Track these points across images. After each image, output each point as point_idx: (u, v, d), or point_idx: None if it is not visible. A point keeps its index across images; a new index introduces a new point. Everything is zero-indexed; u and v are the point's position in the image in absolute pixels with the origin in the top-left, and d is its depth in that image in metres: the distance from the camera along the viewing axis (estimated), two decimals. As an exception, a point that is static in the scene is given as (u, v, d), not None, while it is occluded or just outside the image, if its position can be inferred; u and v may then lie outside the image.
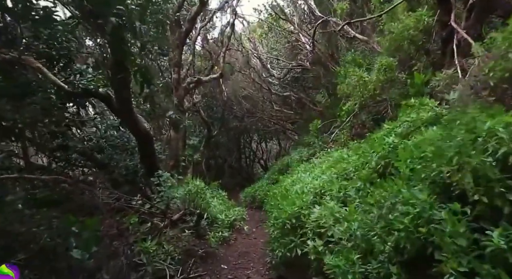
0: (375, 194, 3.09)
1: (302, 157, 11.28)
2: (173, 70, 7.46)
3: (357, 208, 3.49)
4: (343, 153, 5.54)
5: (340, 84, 7.23)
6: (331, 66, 7.44)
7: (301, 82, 12.41)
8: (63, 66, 6.53)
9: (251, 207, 13.31)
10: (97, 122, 6.83)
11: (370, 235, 2.72)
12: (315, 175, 5.67)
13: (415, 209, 2.16)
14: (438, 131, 2.94)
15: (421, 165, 2.62)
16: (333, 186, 4.38)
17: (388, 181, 2.95)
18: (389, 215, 2.47)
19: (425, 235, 2.07)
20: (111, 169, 6.50)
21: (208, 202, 6.84)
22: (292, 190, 5.47)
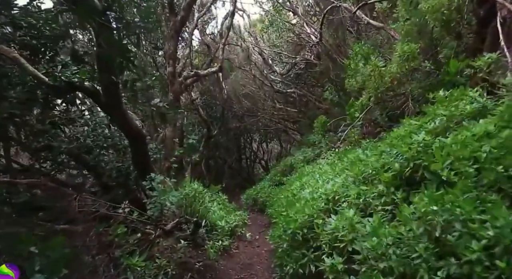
0: (411, 203, 2.51)
1: (307, 157, 10.72)
2: (168, 63, 6.88)
3: (383, 219, 2.92)
4: (359, 153, 4.96)
5: (349, 78, 6.65)
6: (339, 59, 6.87)
7: (304, 79, 11.82)
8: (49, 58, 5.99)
9: (252, 210, 12.73)
10: (86, 120, 6.25)
11: (411, 257, 2.13)
12: (326, 178, 5.09)
13: (487, 232, 1.57)
14: (490, 125, 2.35)
15: (478, 167, 2.04)
16: (349, 191, 3.80)
17: (430, 188, 2.37)
18: (442, 235, 1.89)
19: (504, 270, 1.48)
20: (100, 171, 5.92)
21: (206, 207, 6.26)
22: (301, 195, 4.89)
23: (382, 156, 3.62)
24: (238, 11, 10.77)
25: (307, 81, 12.36)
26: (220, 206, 6.83)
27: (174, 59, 6.79)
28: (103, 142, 5.80)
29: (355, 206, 3.62)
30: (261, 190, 12.47)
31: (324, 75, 8.47)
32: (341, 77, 6.95)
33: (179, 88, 7.11)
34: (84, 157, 5.99)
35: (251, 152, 23.00)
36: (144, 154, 5.88)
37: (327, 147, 8.57)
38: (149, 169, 6.06)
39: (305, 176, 7.01)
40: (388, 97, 5.12)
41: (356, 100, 5.87)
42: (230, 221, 6.72)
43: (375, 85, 4.90)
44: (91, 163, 5.87)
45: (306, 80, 11.96)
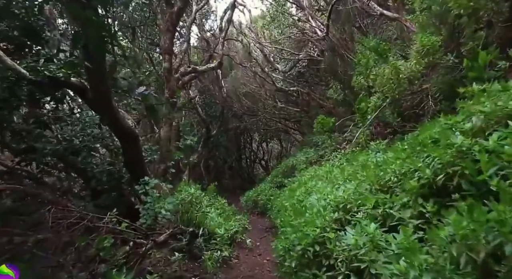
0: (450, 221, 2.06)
1: (309, 158, 10.28)
2: (163, 58, 6.41)
3: (412, 237, 2.47)
4: (371, 156, 4.52)
5: (357, 75, 6.21)
6: (346, 55, 6.44)
7: (307, 77, 11.37)
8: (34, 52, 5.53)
9: (253, 213, 12.29)
10: (75, 119, 5.79)
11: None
12: (335, 182, 4.64)
13: None
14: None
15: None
16: (366, 200, 3.35)
17: (468, 201, 1.93)
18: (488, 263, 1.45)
19: None
20: (89, 174, 5.46)
21: (204, 213, 5.81)
22: (307, 202, 4.44)
23: (407, 160, 3.17)
24: (238, 6, 10.32)
25: (309, 80, 11.90)
26: (218, 211, 6.38)
27: (170, 54, 6.34)
28: (92, 143, 5.34)
29: (371, 217, 3.18)
30: (261, 191, 12.02)
31: (330, 72, 8.02)
32: (348, 74, 6.51)
33: (176, 85, 6.64)
34: (72, 158, 5.53)
35: (251, 152, 22.57)
36: (137, 156, 5.42)
37: (332, 148, 8.13)
38: (143, 172, 5.62)
39: (311, 179, 6.57)
40: (403, 96, 4.67)
41: (366, 99, 5.43)
42: (230, 228, 6.27)
43: (392, 85, 4.45)
44: (79, 165, 5.41)
45: (308, 78, 11.50)
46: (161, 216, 4.65)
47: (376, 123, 6.19)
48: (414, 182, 2.92)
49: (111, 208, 6.11)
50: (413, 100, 4.71)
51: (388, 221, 3.06)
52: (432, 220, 2.67)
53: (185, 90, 9.70)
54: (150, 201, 4.74)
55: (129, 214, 5.35)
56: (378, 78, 4.81)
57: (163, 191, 6.04)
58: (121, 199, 6.20)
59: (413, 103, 4.74)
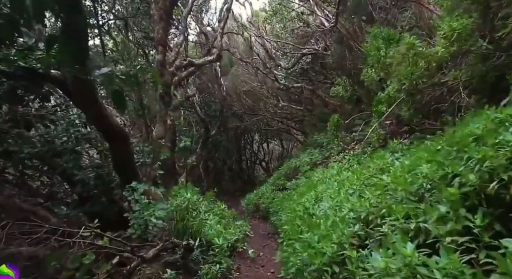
0: None
1: (314, 159, 9.76)
2: (156, 50, 5.87)
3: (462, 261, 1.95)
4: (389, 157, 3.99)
5: (368, 68, 5.69)
6: (356, 47, 5.92)
7: (310, 74, 10.85)
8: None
9: (254, 216, 11.76)
10: (59, 118, 5.26)
11: None
12: (349, 187, 4.11)
13: None
14: None
15: None
16: (392, 210, 2.82)
17: None
18: None
19: None
20: (74, 179, 4.93)
21: (202, 220, 5.27)
22: (318, 210, 3.91)
23: (445, 163, 2.64)
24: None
25: (312, 78, 11.38)
26: (217, 218, 5.84)
27: (164, 45, 5.80)
28: (76, 144, 4.81)
29: (400, 231, 2.66)
30: (263, 194, 11.48)
31: (337, 67, 7.50)
32: (358, 68, 6.00)
33: (171, 79, 6.11)
34: (56, 161, 5.00)
35: (252, 152, 22.03)
36: (128, 157, 4.90)
37: (339, 149, 7.60)
38: (133, 175, 5.09)
39: (318, 183, 6.04)
40: (424, 88, 4.15)
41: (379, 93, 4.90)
42: (230, 236, 5.73)
43: (408, 70, 3.92)
44: (64, 169, 4.88)
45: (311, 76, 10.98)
46: (151, 224, 4.11)
47: (390, 121, 5.66)
48: (454, 189, 2.39)
49: (99, 215, 5.63)
50: (434, 93, 4.18)
51: (421, 237, 2.54)
52: (483, 237, 2.14)
53: (182, 87, 9.18)
54: (139, 208, 4.20)
55: (119, 222, 4.83)
56: (393, 61, 4.27)
57: (157, 196, 5.52)
58: (111, 205, 5.67)
59: (434, 97, 4.22)
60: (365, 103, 6.25)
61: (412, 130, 5.33)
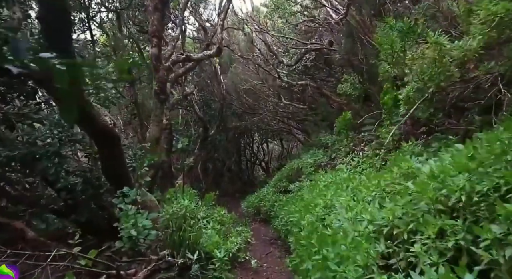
0: None
1: (318, 161, 9.29)
2: (151, 42, 5.37)
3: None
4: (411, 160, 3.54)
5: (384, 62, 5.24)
6: (368, 40, 5.46)
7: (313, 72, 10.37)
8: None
9: (254, 220, 11.31)
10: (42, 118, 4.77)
11: None
12: (366, 195, 3.65)
13: None
14: None
15: None
16: (424, 225, 2.39)
17: None
18: None
19: None
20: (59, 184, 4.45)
21: (200, 229, 4.81)
22: (332, 221, 3.46)
23: (487, 172, 2.19)
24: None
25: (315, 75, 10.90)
26: (217, 227, 5.37)
27: (160, 37, 5.31)
28: (59, 147, 4.32)
29: (436, 251, 2.22)
30: (264, 197, 11.03)
31: (345, 63, 7.04)
32: (369, 63, 5.55)
33: (166, 75, 5.62)
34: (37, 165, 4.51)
35: (251, 153, 21.56)
36: (117, 161, 4.42)
37: (347, 150, 7.14)
38: (124, 180, 4.61)
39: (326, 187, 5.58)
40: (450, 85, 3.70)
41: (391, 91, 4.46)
42: (231, 245, 5.27)
43: (436, 70, 3.48)
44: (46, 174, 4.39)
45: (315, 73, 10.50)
46: (141, 237, 3.65)
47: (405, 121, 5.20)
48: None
49: (87, 224, 5.17)
50: (459, 90, 3.73)
51: (463, 260, 2.10)
52: None
53: (180, 85, 8.70)
54: (127, 219, 3.73)
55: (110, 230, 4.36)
56: (415, 62, 3.83)
57: (151, 203, 5.05)
58: (101, 212, 5.20)
59: (457, 94, 3.77)
60: (376, 101, 5.79)
61: (430, 131, 4.89)
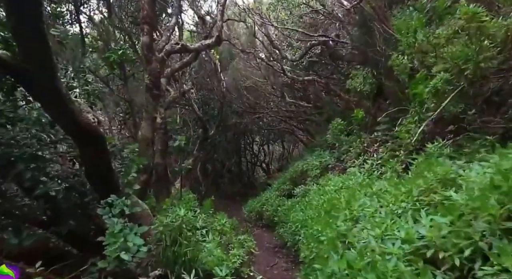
0: None
1: (324, 163, 8.70)
2: (141, 30, 4.78)
3: None
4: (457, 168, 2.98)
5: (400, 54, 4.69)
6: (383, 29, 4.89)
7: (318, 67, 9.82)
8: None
9: (256, 225, 10.75)
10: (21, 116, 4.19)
11: None
12: (395, 205, 3.09)
13: None
14: None
15: None
16: (477, 247, 1.83)
17: None
18: None
19: None
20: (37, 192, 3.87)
21: (198, 243, 4.23)
22: (359, 238, 2.89)
23: None
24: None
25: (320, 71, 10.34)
26: (218, 238, 4.78)
27: (152, 25, 4.72)
28: (38, 148, 3.75)
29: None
30: (266, 201, 10.46)
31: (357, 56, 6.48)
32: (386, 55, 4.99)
33: (160, 67, 5.02)
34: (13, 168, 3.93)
35: (252, 154, 20.99)
36: (102, 164, 3.85)
37: (358, 151, 6.57)
38: (112, 187, 4.04)
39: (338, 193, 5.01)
40: (490, 74, 3.15)
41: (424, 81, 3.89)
42: (233, 259, 4.70)
43: (467, 51, 2.93)
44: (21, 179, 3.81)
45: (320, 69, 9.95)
46: (127, 256, 3.07)
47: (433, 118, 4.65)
48: None
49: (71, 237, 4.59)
50: (503, 81, 3.18)
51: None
52: None
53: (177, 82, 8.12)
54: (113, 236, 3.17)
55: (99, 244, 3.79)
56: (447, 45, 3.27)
57: (143, 211, 4.48)
58: (88, 222, 4.62)
59: (491, 87, 3.22)
60: (393, 97, 5.23)
61: (458, 130, 4.33)
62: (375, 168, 5.41)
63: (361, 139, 6.15)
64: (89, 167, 3.88)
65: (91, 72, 6.41)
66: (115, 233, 3.33)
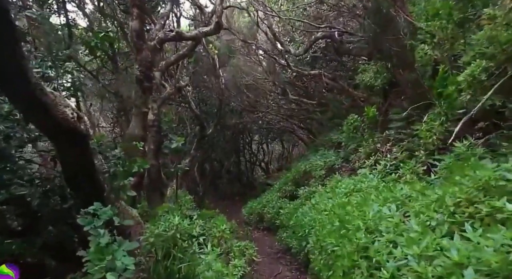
0: None
1: (329, 163, 8.25)
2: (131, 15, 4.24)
3: None
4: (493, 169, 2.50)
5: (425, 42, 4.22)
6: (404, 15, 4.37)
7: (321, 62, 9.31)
8: None
9: (257, 227, 10.28)
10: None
11: None
12: (426, 217, 2.60)
13: None
14: None
15: None
16: None
17: None
18: None
19: None
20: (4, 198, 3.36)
21: (195, 254, 3.72)
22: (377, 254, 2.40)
23: None
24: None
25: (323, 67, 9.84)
26: (217, 249, 4.26)
27: (142, 8, 4.20)
28: (5, 147, 3.23)
29: None
30: (267, 202, 9.99)
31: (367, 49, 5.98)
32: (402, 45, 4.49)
33: (151, 57, 4.48)
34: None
35: (251, 153, 20.49)
36: (84, 166, 3.33)
37: (368, 151, 6.09)
38: (95, 192, 3.53)
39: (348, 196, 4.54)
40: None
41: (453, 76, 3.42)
42: (234, 271, 4.21)
43: None
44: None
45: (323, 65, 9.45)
46: (114, 277, 2.57)
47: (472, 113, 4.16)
48: None
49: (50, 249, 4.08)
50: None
51: None
52: None
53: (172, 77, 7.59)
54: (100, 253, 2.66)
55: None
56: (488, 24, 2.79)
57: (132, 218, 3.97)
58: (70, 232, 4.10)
59: None
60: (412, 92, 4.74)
61: (490, 128, 3.85)
62: (389, 169, 4.93)
63: (374, 138, 5.65)
64: (68, 170, 3.36)
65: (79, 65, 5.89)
66: (101, 247, 2.82)
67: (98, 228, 3.01)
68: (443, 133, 4.09)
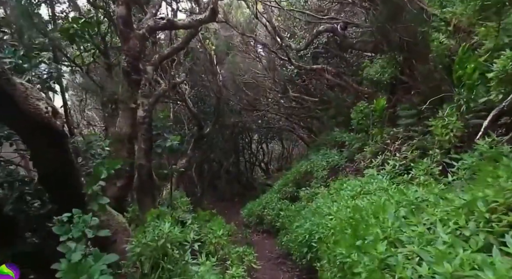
0: None
1: (332, 163, 7.89)
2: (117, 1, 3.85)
3: None
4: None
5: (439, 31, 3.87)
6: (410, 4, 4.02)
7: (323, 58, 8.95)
8: None
9: (256, 230, 9.89)
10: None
11: None
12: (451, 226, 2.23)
13: None
14: None
15: None
16: None
17: None
18: None
19: None
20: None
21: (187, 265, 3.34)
22: (410, 273, 2.02)
23: None
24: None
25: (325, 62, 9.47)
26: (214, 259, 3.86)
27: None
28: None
29: None
30: (267, 204, 9.61)
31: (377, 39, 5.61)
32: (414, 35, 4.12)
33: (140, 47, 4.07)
34: None
35: (250, 153, 20.10)
36: (61, 166, 2.95)
37: (374, 150, 5.72)
38: (75, 196, 3.15)
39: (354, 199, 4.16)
40: None
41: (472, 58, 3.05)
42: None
43: None
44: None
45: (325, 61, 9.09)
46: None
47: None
48: None
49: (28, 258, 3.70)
50: None
51: None
52: None
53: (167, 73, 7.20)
54: (70, 264, 2.29)
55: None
56: None
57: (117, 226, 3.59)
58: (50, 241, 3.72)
59: None
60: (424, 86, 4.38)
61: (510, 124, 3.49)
62: (399, 170, 4.56)
63: (382, 134, 5.28)
64: (42, 171, 2.98)
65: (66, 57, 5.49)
66: (74, 264, 2.45)
67: (75, 239, 2.63)
68: (461, 130, 3.73)
